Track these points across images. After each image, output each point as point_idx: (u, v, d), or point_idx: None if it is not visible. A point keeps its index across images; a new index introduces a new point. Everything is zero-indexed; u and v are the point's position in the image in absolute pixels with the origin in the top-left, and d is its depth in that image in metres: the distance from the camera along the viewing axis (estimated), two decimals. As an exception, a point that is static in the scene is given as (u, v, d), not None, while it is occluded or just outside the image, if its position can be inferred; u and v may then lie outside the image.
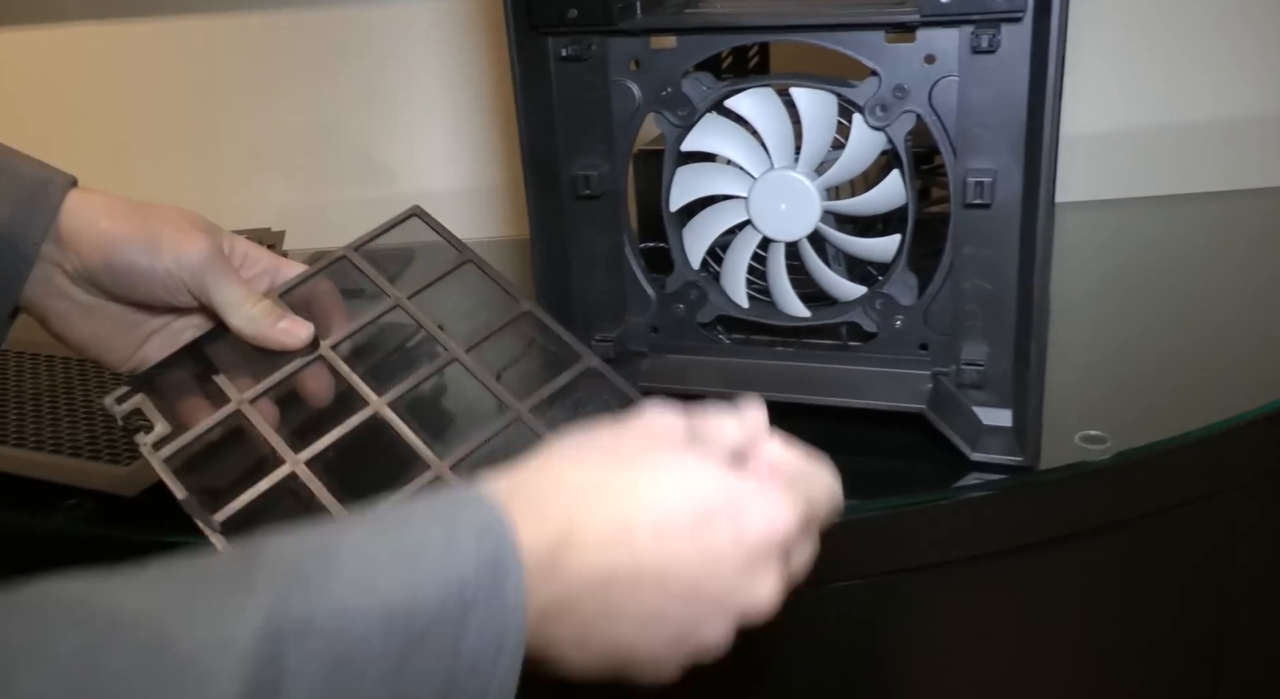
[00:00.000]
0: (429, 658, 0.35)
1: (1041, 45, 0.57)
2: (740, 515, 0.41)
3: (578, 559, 0.38)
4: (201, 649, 0.32)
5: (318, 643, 0.33)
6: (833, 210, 0.66)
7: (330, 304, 0.62)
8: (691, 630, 0.41)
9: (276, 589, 0.34)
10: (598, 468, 0.41)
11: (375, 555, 0.36)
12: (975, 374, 0.65)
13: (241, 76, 1.17)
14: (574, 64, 0.67)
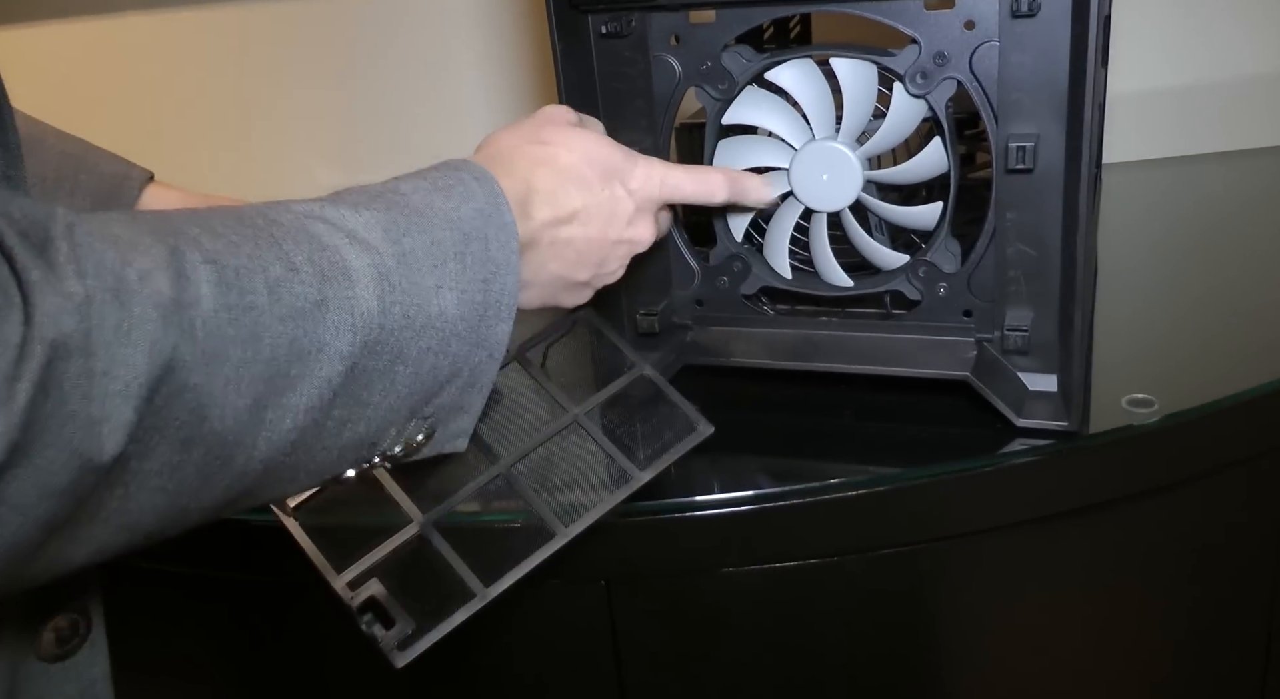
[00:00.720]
0: (477, 256, 0.47)
1: (1082, 7, 0.56)
2: (628, 176, 0.57)
3: (536, 204, 0.53)
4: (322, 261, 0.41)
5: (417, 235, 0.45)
6: (874, 180, 0.67)
7: None
8: (604, 258, 0.57)
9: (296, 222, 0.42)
10: (533, 146, 0.56)
11: (423, 190, 0.47)
12: (1020, 340, 0.65)
13: (285, 60, 1.19)
14: (614, 40, 0.67)
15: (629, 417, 0.62)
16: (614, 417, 0.63)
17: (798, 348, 0.70)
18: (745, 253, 0.71)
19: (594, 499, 0.56)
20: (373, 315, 0.42)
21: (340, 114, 1.20)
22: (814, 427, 0.70)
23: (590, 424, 0.58)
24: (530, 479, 0.57)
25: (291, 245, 0.40)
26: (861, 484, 0.64)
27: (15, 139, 0.40)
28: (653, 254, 0.72)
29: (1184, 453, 0.68)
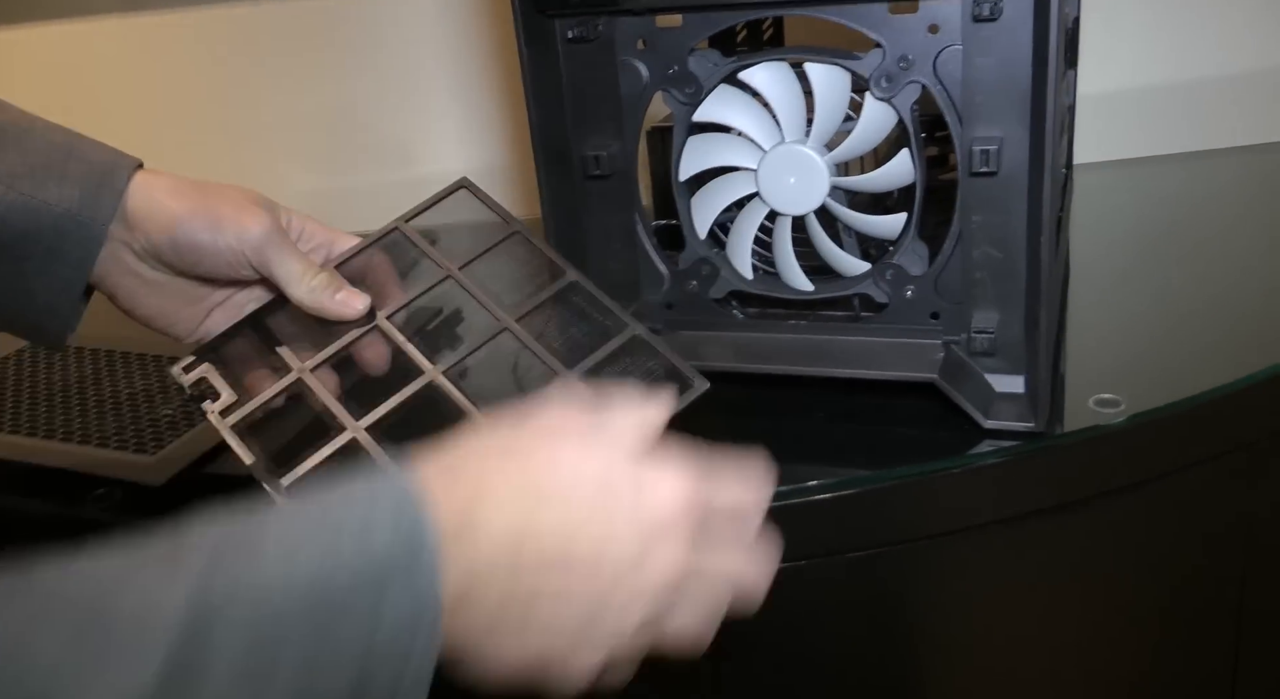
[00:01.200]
0: (348, 631, 0.36)
1: (1043, 11, 0.57)
2: (639, 489, 0.42)
3: (486, 523, 0.39)
4: (129, 623, 0.33)
5: (240, 615, 0.35)
6: (841, 186, 0.67)
7: (384, 276, 0.63)
8: (600, 610, 0.41)
9: (202, 565, 0.35)
10: (506, 442, 0.43)
11: (297, 533, 0.37)
12: (986, 341, 0.65)
13: (255, 64, 1.18)
14: (581, 45, 0.67)
15: (620, 378, 0.61)
16: (605, 379, 0.61)
17: (767, 351, 0.71)
18: (714, 256, 0.71)
19: None
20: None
21: (314, 118, 1.20)
22: (784, 429, 0.70)
23: (581, 387, 0.58)
24: None
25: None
26: (831, 487, 0.64)
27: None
28: (621, 256, 0.73)
29: (1151, 452, 0.69)
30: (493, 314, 0.61)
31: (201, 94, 1.20)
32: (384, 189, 1.19)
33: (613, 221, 0.72)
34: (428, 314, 0.66)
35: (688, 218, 0.71)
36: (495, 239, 0.64)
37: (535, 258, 0.64)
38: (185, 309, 0.61)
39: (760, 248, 0.71)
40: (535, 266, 0.65)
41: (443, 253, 0.63)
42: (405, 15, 1.14)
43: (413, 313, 0.63)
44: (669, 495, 0.42)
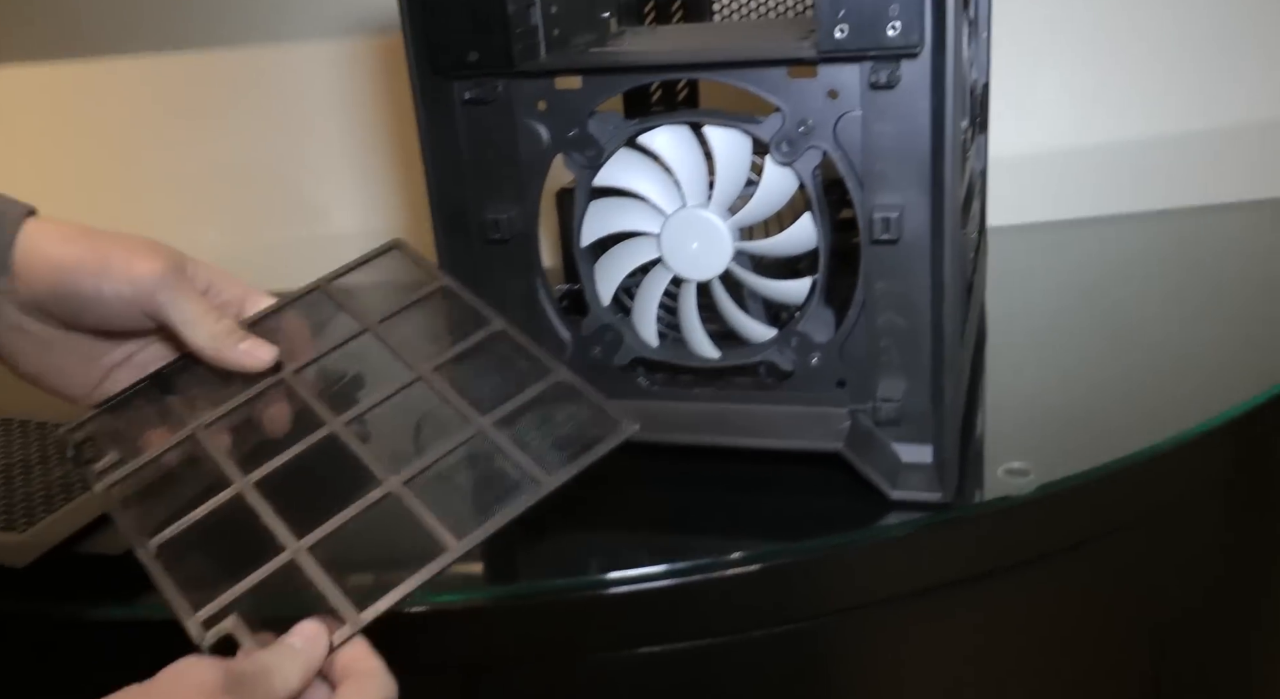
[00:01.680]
0: None
1: (940, 80, 0.56)
2: None
3: None
4: None
5: None
6: (745, 250, 0.66)
7: (298, 335, 0.60)
8: None
9: None
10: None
11: None
12: (892, 410, 0.64)
13: (158, 118, 1.16)
14: (479, 107, 0.66)
15: (537, 422, 0.57)
16: (522, 423, 0.58)
17: (671, 421, 0.69)
18: (618, 322, 0.69)
19: (493, 510, 0.51)
20: None
21: (221, 173, 1.18)
22: (689, 501, 0.68)
23: (496, 433, 0.54)
24: (424, 494, 0.53)
25: None
26: (737, 562, 0.62)
27: None
28: (523, 323, 0.70)
29: (1061, 522, 0.68)
30: (407, 364, 0.58)
31: (107, 146, 1.17)
32: (292, 247, 1.17)
33: (513, 287, 0.70)
34: (341, 370, 0.63)
35: (591, 283, 0.69)
36: (420, 294, 0.62)
37: (462, 311, 0.62)
38: (80, 367, 0.57)
39: (666, 313, 0.70)
40: (462, 320, 0.62)
41: (364, 309, 0.61)
42: (310, 72, 1.13)
43: (325, 369, 0.60)
44: None
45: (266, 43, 1.12)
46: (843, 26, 0.56)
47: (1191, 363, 0.81)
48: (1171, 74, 1.09)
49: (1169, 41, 1.08)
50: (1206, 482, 0.73)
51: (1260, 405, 0.71)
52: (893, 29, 0.55)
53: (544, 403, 0.56)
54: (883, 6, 0.55)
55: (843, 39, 0.56)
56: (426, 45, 0.64)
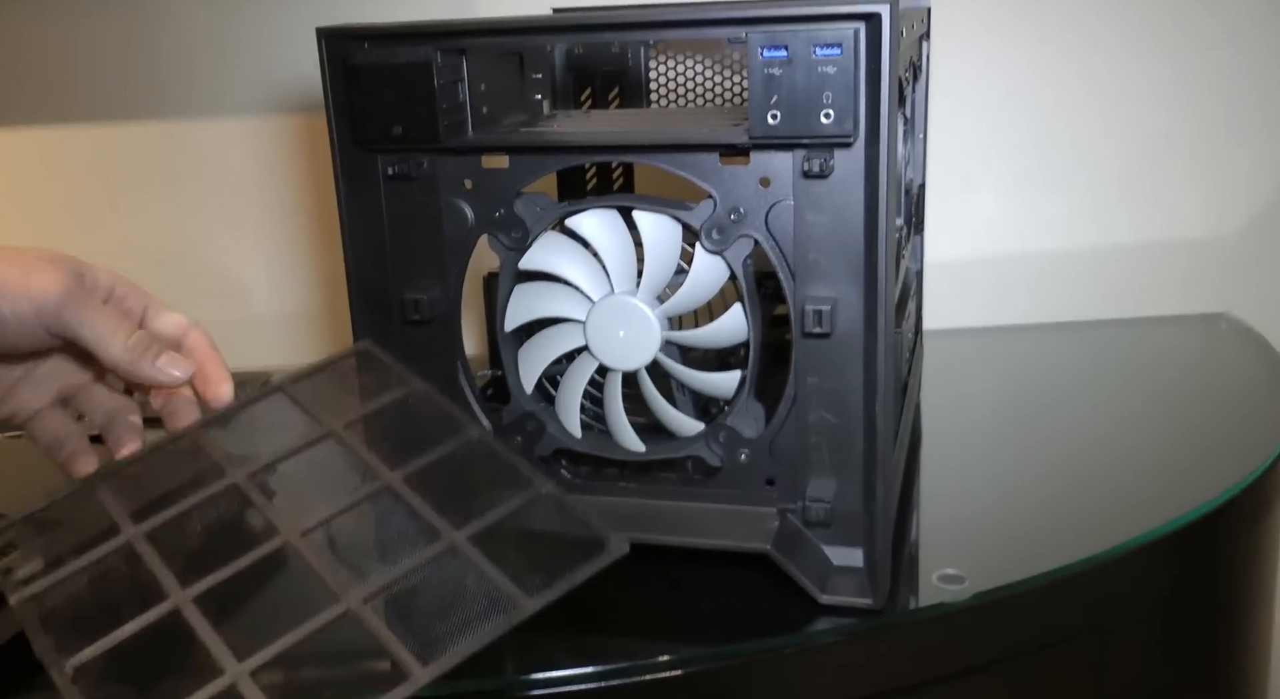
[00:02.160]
0: None
1: (873, 172, 0.55)
2: None
3: None
4: None
5: None
6: (674, 341, 0.63)
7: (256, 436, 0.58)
8: None
9: None
10: None
11: None
12: (822, 511, 0.62)
13: (72, 192, 1.13)
14: (403, 183, 0.64)
15: (515, 537, 0.54)
16: (502, 541, 0.54)
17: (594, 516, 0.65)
18: (541, 411, 0.66)
19: (464, 633, 0.48)
20: None
21: (142, 249, 1.14)
22: (611, 599, 0.65)
23: (471, 548, 0.51)
24: (388, 613, 0.49)
25: None
26: (660, 666, 0.59)
27: None
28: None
29: (996, 632, 0.65)
30: (373, 472, 0.54)
31: (19, 219, 1.14)
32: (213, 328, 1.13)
33: (433, 370, 0.67)
34: (299, 474, 0.59)
35: (514, 370, 0.66)
36: (389, 398, 0.59)
37: (435, 417, 0.58)
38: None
39: (591, 403, 0.67)
40: (435, 425, 0.59)
41: (326, 410, 0.57)
42: (230, 147, 1.11)
43: (282, 473, 0.57)
44: None
45: (186, 117, 1.10)
46: (775, 112, 0.55)
47: (1129, 474, 0.80)
48: (1106, 189, 1.11)
49: (1105, 157, 1.10)
50: (1146, 594, 0.71)
51: (1201, 517, 0.70)
52: (826, 117, 0.54)
53: (522, 516, 0.53)
54: (816, 94, 0.54)
55: (775, 125, 0.55)
56: (350, 116, 0.62)
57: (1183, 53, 1.07)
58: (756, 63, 0.54)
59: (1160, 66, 1.07)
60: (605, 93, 0.89)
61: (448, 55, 0.61)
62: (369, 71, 0.61)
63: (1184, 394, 0.95)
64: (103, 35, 1.08)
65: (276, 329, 1.15)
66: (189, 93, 1.10)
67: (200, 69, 1.09)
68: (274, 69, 1.09)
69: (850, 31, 0.53)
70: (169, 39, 1.08)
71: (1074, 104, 1.08)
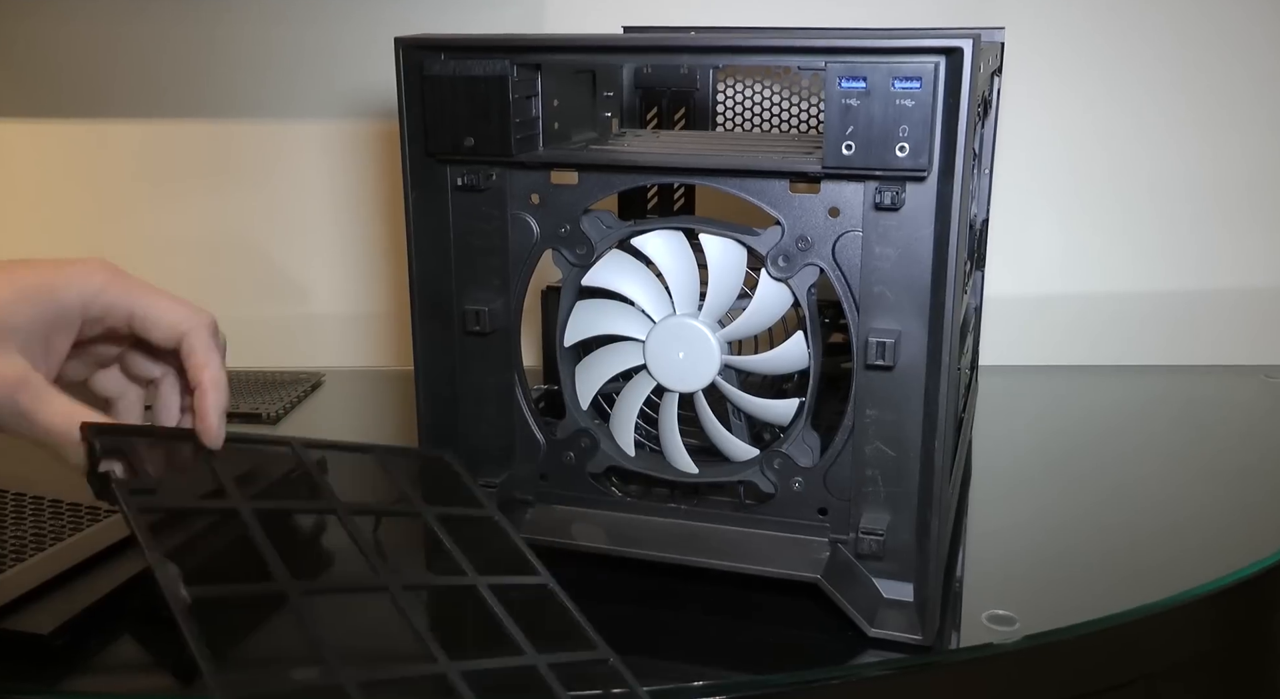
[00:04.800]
0: None
1: (945, 205, 0.55)
2: None
3: None
4: None
5: None
6: (733, 365, 0.63)
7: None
8: None
9: None
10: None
11: None
12: (874, 544, 0.61)
13: (150, 184, 1.15)
14: (471, 194, 0.64)
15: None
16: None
17: (643, 535, 0.65)
18: (595, 428, 0.66)
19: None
20: None
21: (202, 244, 1.16)
22: (655, 622, 0.65)
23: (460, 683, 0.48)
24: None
25: None
26: (703, 690, 0.58)
27: None
28: (496, 420, 0.68)
29: (1044, 676, 0.64)
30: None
31: (96, 207, 1.16)
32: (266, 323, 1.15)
33: (490, 382, 0.67)
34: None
35: (570, 385, 0.66)
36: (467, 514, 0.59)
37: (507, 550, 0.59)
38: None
39: (645, 423, 0.67)
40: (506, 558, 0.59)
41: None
42: (301, 146, 1.12)
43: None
44: None
45: (268, 118, 1.12)
46: (850, 144, 0.54)
47: (1178, 523, 0.78)
48: (1170, 233, 1.09)
49: (1170, 200, 1.08)
50: (1198, 647, 0.70)
51: (1254, 575, 0.69)
52: (901, 150, 0.54)
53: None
54: (892, 127, 0.54)
55: (849, 156, 0.55)
56: (422, 127, 0.62)
57: (1253, 99, 1.05)
58: (834, 93, 0.54)
59: (1230, 113, 1.06)
60: (671, 113, 0.89)
61: (523, 70, 0.61)
62: (444, 83, 0.61)
63: (1240, 445, 0.93)
64: (183, 36, 1.10)
65: (334, 328, 1.16)
66: (264, 95, 1.11)
67: (275, 72, 1.11)
68: (348, 75, 1.10)
69: (931, 66, 0.53)
70: (248, 43, 1.10)
71: (1142, 144, 1.07)
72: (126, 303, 0.52)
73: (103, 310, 0.52)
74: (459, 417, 0.68)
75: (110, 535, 0.66)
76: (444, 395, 0.68)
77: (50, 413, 0.47)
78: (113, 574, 0.63)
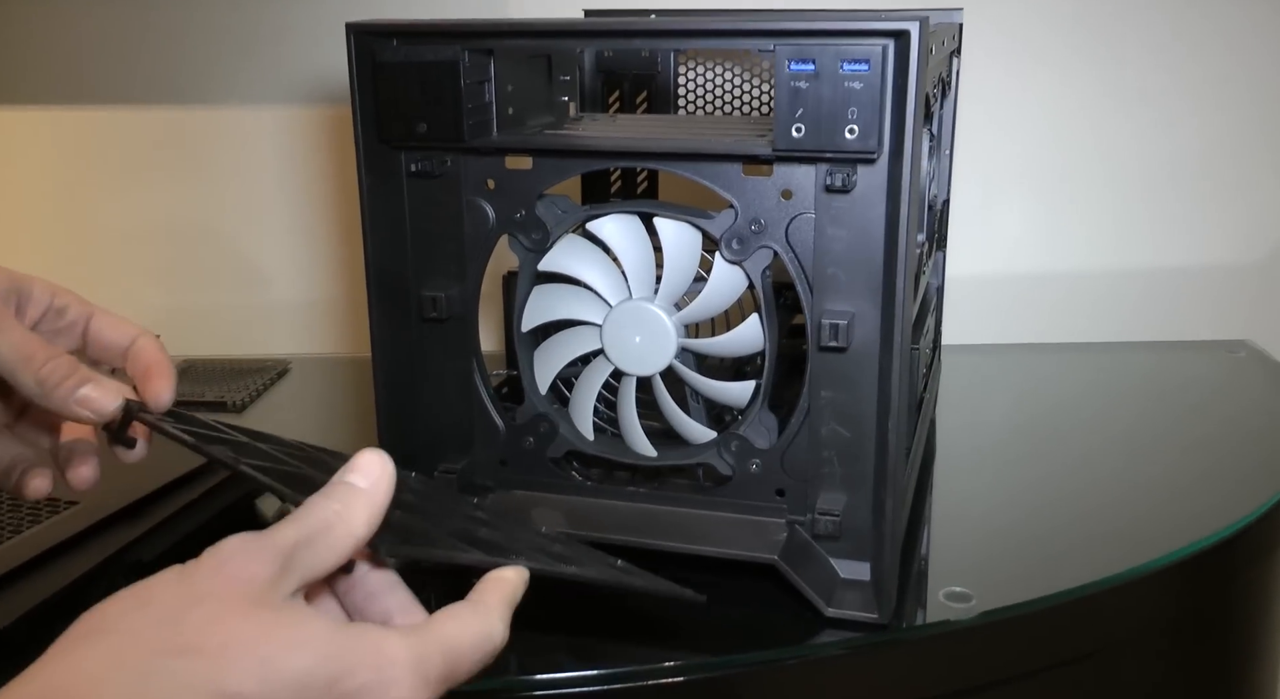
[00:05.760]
0: None
1: (896, 188, 0.55)
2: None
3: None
4: None
5: None
6: (690, 348, 0.63)
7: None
8: None
9: None
10: (148, 668, 0.32)
11: None
12: (830, 524, 0.61)
13: (105, 172, 1.14)
14: (425, 180, 0.64)
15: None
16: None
17: (603, 519, 0.66)
18: (554, 413, 0.67)
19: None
20: None
21: (160, 232, 1.15)
22: (615, 604, 0.65)
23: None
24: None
25: None
26: (663, 672, 0.59)
27: None
28: (455, 406, 0.68)
29: (1002, 651, 0.65)
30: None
31: (52, 195, 1.15)
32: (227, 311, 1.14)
33: (448, 368, 0.67)
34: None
35: (529, 371, 0.66)
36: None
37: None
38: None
39: (604, 407, 0.67)
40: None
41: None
42: (254, 133, 1.11)
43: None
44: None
45: (221, 104, 1.11)
46: (800, 126, 0.55)
47: (1142, 498, 0.79)
48: (1132, 211, 1.10)
49: (1131, 179, 1.09)
50: (1155, 620, 0.71)
51: (1213, 545, 0.70)
52: (850, 132, 0.54)
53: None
54: (841, 109, 0.54)
55: (799, 139, 0.55)
56: (375, 113, 0.62)
57: (1214, 77, 1.06)
58: (783, 75, 0.54)
59: (1191, 90, 1.07)
60: (633, 96, 0.89)
61: (475, 55, 0.61)
62: (396, 69, 0.61)
63: (1201, 421, 0.94)
64: (132, 21, 1.09)
65: (295, 316, 1.15)
66: (216, 80, 1.11)
67: (227, 58, 1.10)
68: (301, 61, 1.09)
69: (878, 48, 0.53)
70: (198, 27, 1.09)
71: (1103, 124, 1.08)
72: (86, 306, 0.52)
73: (64, 305, 0.51)
74: (418, 403, 0.68)
75: (69, 528, 0.66)
76: (403, 382, 0.68)
77: (6, 337, 0.46)
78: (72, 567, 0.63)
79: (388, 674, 0.36)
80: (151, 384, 0.49)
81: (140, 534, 0.65)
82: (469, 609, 0.41)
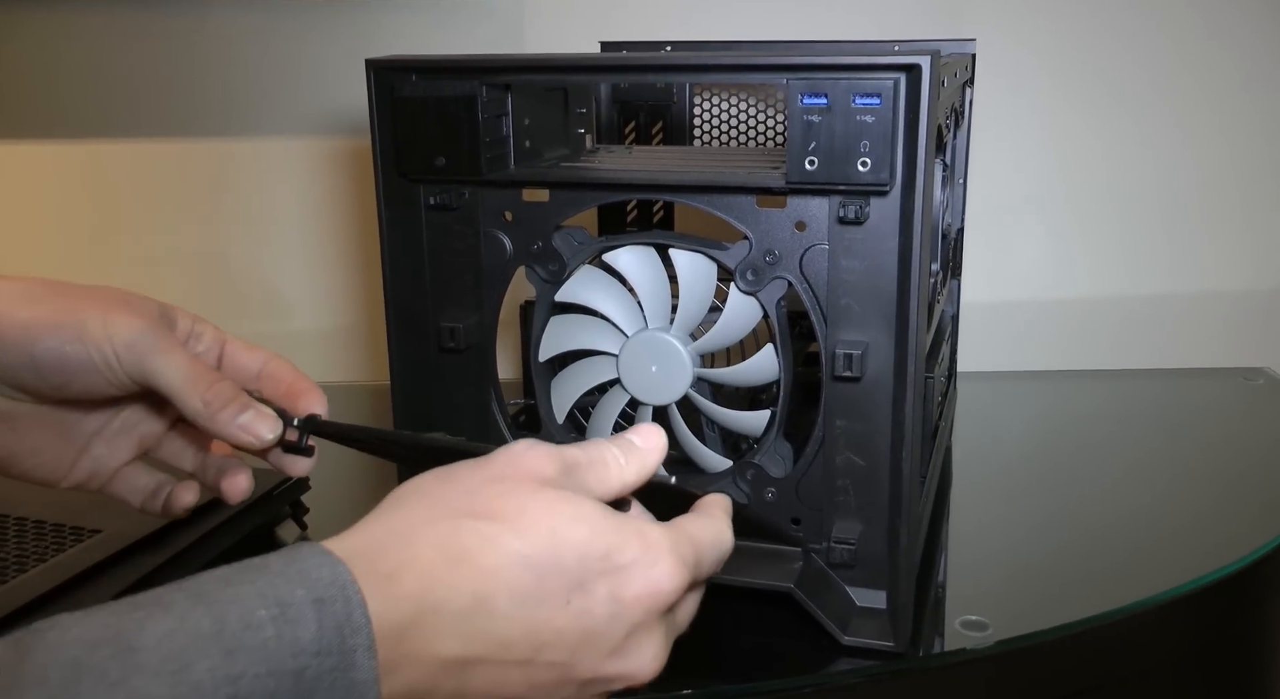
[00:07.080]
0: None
1: (909, 219, 0.55)
2: (620, 577, 0.39)
3: (434, 634, 0.35)
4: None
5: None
6: (705, 378, 0.64)
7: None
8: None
9: (52, 688, 0.28)
10: (454, 526, 0.37)
11: (186, 641, 0.30)
12: (846, 553, 0.62)
13: (130, 203, 1.16)
14: (443, 213, 0.65)
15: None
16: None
17: (619, 546, 0.66)
18: (571, 441, 0.67)
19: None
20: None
21: (184, 260, 1.16)
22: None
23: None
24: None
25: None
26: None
27: None
28: (472, 436, 0.68)
29: (1017, 681, 0.65)
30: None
31: (79, 227, 1.16)
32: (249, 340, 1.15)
33: (466, 398, 0.68)
34: None
35: (546, 400, 0.67)
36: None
37: None
38: (54, 444, 0.51)
39: (621, 436, 0.68)
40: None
41: None
42: (276, 165, 1.13)
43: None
44: (652, 587, 0.39)
45: (243, 136, 1.13)
46: (813, 159, 0.55)
47: (1159, 526, 0.79)
48: (1146, 238, 1.10)
49: (1146, 207, 1.09)
50: (1172, 650, 0.71)
51: (1230, 574, 0.69)
52: (863, 165, 0.55)
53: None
54: (854, 142, 0.55)
55: (812, 171, 0.56)
56: (394, 147, 0.63)
57: (1226, 105, 1.06)
58: (796, 109, 0.55)
59: (1204, 118, 1.07)
60: (649, 128, 0.90)
61: (493, 90, 0.62)
62: (415, 104, 0.62)
63: (1218, 448, 0.94)
64: (157, 57, 1.11)
65: (316, 345, 1.17)
66: (239, 113, 1.12)
67: (251, 91, 1.12)
68: (323, 95, 1.11)
69: (890, 82, 0.53)
70: (223, 62, 1.11)
71: (1116, 152, 1.08)
72: (220, 332, 0.56)
73: (202, 330, 0.55)
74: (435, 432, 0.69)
75: (92, 556, 0.66)
76: (421, 411, 0.68)
77: (175, 360, 0.50)
78: (96, 595, 0.64)
79: (653, 553, 0.40)
80: (304, 399, 0.55)
81: (161, 563, 0.66)
82: (703, 516, 0.45)
